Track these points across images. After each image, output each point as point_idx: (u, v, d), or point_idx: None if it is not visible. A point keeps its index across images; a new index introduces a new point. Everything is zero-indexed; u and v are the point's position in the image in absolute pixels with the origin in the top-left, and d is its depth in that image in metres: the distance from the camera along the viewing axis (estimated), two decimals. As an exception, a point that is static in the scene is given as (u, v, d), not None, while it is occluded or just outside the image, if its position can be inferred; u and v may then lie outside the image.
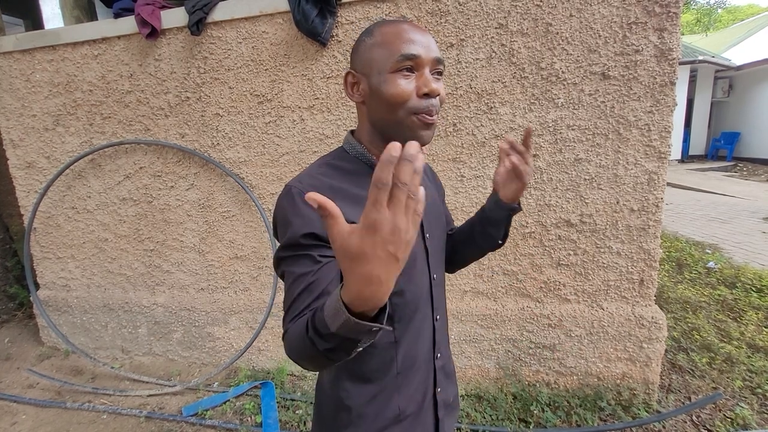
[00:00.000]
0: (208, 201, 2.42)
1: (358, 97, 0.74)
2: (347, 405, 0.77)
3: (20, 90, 2.48)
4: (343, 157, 0.77)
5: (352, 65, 0.74)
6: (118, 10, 2.30)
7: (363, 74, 0.71)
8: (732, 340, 2.50)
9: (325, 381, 0.83)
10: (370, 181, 0.66)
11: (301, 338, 0.56)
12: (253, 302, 2.46)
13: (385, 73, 0.68)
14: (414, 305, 0.77)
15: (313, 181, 0.71)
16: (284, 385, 2.33)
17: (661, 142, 1.88)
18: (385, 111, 0.70)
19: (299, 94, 2.16)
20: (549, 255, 2.08)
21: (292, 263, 0.67)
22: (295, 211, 0.68)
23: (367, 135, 0.77)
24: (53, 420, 2.19)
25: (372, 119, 0.74)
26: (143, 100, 2.36)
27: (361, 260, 0.42)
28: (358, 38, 0.74)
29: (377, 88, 0.69)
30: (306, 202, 0.63)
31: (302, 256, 0.66)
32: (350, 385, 0.78)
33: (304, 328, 0.56)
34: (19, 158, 2.61)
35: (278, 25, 2.11)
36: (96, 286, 2.72)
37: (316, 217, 0.67)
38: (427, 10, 1.95)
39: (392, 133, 0.71)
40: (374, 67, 0.69)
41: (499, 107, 1.98)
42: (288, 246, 0.68)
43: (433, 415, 0.84)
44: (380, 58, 0.68)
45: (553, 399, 2.08)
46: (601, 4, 1.81)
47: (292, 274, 0.66)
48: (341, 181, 0.73)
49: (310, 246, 0.66)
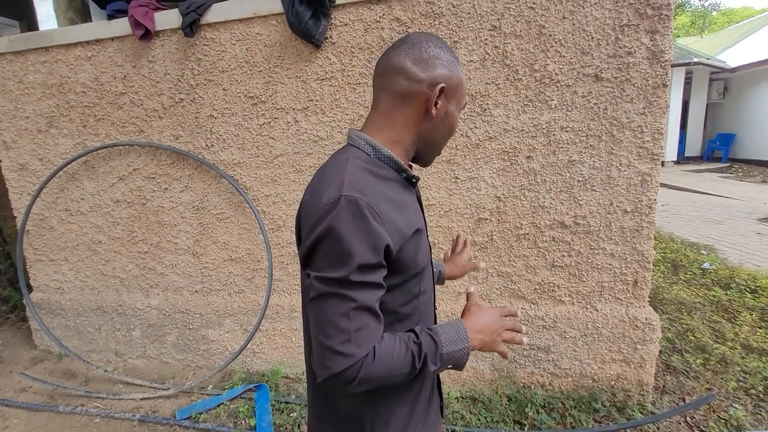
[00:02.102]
0: (203, 203, 2.41)
1: (434, 111, 0.74)
2: (388, 416, 0.76)
3: (13, 91, 2.47)
4: (373, 162, 0.73)
5: (444, 81, 0.73)
6: (111, 12, 2.30)
7: (447, 99, 0.76)
8: (726, 341, 2.51)
9: (344, 408, 0.77)
10: (398, 186, 0.77)
11: (400, 358, 0.65)
12: (247, 305, 2.45)
13: (458, 109, 0.79)
14: (431, 301, 0.84)
15: (374, 192, 0.66)
16: (279, 388, 2.32)
17: (654, 144, 1.88)
18: (443, 137, 0.80)
19: (293, 96, 2.16)
20: (543, 257, 2.08)
21: (357, 288, 0.62)
22: (368, 229, 0.62)
23: (405, 142, 0.77)
24: (45, 424, 2.18)
25: (427, 134, 0.78)
26: (137, 101, 2.35)
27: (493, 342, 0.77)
28: (446, 54, 0.75)
29: (452, 116, 0.78)
30: (376, 218, 0.64)
31: (369, 283, 0.64)
32: (389, 397, 0.76)
33: (409, 348, 0.67)
34: (12, 160, 2.59)
35: (272, 26, 2.11)
36: (89, 288, 2.71)
37: (387, 236, 0.64)
38: (421, 12, 1.95)
39: (429, 153, 0.82)
40: (455, 99, 0.77)
41: (492, 109, 1.99)
42: (362, 269, 0.62)
43: (438, 396, 0.91)
44: (460, 96, 0.78)
45: (548, 400, 2.08)
46: (593, 7, 1.82)
47: (353, 301, 0.62)
48: (384, 188, 0.70)
49: (378, 268, 0.65)
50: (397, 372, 0.65)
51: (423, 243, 0.75)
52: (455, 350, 0.69)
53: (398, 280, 0.71)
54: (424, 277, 0.77)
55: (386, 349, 0.64)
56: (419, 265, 0.73)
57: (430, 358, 0.66)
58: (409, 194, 0.78)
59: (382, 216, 0.64)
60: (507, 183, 2.04)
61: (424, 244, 0.77)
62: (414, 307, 0.76)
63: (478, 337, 0.74)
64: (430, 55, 0.73)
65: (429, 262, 0.81)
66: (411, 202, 0.77)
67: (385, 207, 0.66)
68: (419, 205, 0.83)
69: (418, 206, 0.81)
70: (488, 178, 2.06)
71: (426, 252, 0.78)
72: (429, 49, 0.73)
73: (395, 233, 0.66)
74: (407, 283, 0.73)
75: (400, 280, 0.71)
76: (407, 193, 0.77)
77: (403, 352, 0.65)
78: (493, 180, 2.05)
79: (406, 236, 0.68)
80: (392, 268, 0.68)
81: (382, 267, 0.65)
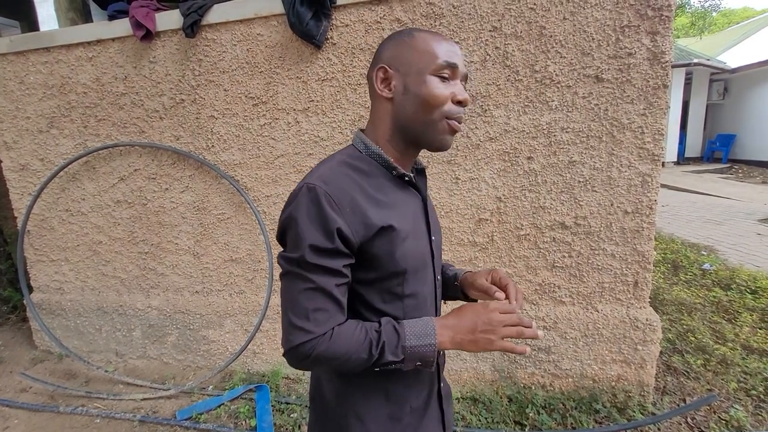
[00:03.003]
0: (203, 203, 2.41)
1: (387, 93, 0.73)
2: (364, 415, 0.76)
3: (14, 92, 2.47)
4: (358, 157, 0.75)
5: (384, 61, 0.73)
6: (112, 13, 2.30)
7: (398, 72, 0.72)
8: (727, 342, 2.51)
9: (333, 395, 0.80)
10: (385, 183, 0.73)
11: (358, 343, 0.67)
12: (248, 305, 2.45)
13: (425, 74, 0.69)
14: (423, 306, 0.79)
15: (339, 182, 0.68)
16: (279, 389, 2.32)
17: (654, 145, 1.88)
18: (420, 111, 0.71)
19: (294, 97, 2.16)
20: (544, 257, 2.08)
21: (313, 270, 0.66)
22: (321, 214, 0.65)
23: (387, 134, 0.75)
24: (46, 424, 2.18)
25: (399, 117, 0.73)
26: (138, 102, 2.35)
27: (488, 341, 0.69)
28: (394, 36, 0.74)
29: (416, 87, 0.70)
30: (332, 205, 0.66)
31: (325, 267, 0.66)
32: (366, 395, 0.77)
33: (368, 335, 0.68)
34: (12, 160, 2.60)
35: (273, 27, 2.11)
36: (90, 288, 2.71)
37: (343, 223, 0.66)
38: (422, 12, 1.95)
39: (420, 133, 0.73)
40: (413, 66, 0.70)
41: (493, 110, 1.99)
42: (313, 250, 0.65)
43: (438, 409, 0.86)
44: (421, 60, 0.70)
45: (549, 401, 2.08)
46: (594, 8, 1.82)
47: (310, 282, 0.66)
48: (362, 181, 0.72)
49: (333, 254, 0.66)
50: (354, 356, 0.66)
51: (408, 244, 0.72)
52: (419, 345, 0.68)
53: (373, 275, 0.72)
54: (410, 280, 0.74)
55: (345, 331, 0.67)
56: (399, 265, 0.71)
57: (388, 347, 0.67)
58: (403, 193, 0.76)
59: (342, 204, 0.66)
60: (508, 184, 2.04)
61: (413, 246, 0.74)
62: (399, 308, 0.74)
63: (458, 337, 0.70)
64: (379, 48, 0.76)
65: (425, 266, 0.78)
66: (403, 201, 0.75)
67: (355, 198, 0.68)
68: (424, 209, 0.80)
69: (416, 208, 0.79)
70: (489, 179, 2.06)
71: (417, 255, 0.75)
72: (381, 43, 0.76)
73: (356, 223, 0.67)
74: (386, 281, 0.72)
75: (376, 276, 0.72)
76: (400, 191, 0.76)
77: (362, 338, 0.67)
78: (493, 180, 2.05)
79: (373, 228, 0.67)
80: (364, 262, 0.70)
81: (339, 254, 0.66)
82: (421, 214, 0.80)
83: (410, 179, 0.77)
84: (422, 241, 0.78)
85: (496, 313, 0.70)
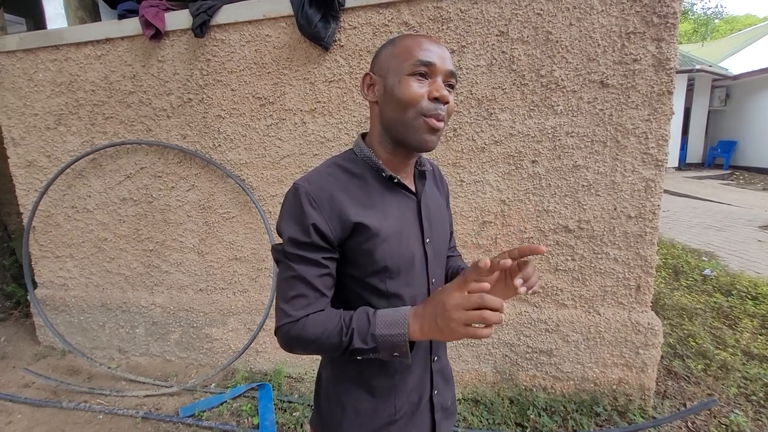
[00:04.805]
0: (209, 202, 2.43)
1: (372, 97, 0.78)
2: (345, 403, 0.81)
3: (22, 89, 2.49)
4: (352, 159, 0.80)
5: (372, 68, 0.79)
6: (122, 12, 2.32)
7: (380, 76, 0.76)
8: (727, 347, 2.52)
9: (325, 378, 0.86)
10: (374, 184, 0.77)
11: (330, 329, 0.70)
12: (251, 304, 2.46)
13: (401, 75, 0.72)
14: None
15: (321, 182, 0.74)
16: (281, 387, 2.33)
17: (658, 150, 1.90)
18: (396, 111, 0.73)
19: (301, 98, 2.18)
20: (547, 260, 2.09)
21: (294, 260, 0.72)
22: (300, 211, 0.71)
23: (377, 136, 0.79)
24: (49, 420, 2.18)
25: (383, 119, 0.77)
26: (145, 101, 2.37)
27: (453, 328, 0.62)
28: (381, 46, 0.79)
29: (392, 88, 0.73)
30: (312, 203, 0.71)
31: (304, 258, 0.72)
32: (351, 385, 0.81)
33: (341, 322, 0.70)
34: (19, 157, 2.61)
35: (281, 29, 2.13)
36: (94, 285, 2.72)
37: (321, 219, 0.71)
38: (429, 16, 1.97)
39: (400, 133, 0.74)
40: (392, 69, 0.74)
41: (499, 113, 2.00)
42: (292, 243, 0.72)
43: (429, 418, 0.86)
44: (398, 63, 0.73)
45: (550, 404, 2.09)
46: (600, 14, 1.84)
47: (293, 270, 0.72)
48: (348, 182, 0.76)
49: (311, 247, 0.71)
50: (327, 341, 0.70)
51: (390, 244, 0.74)
52: (390, 334, 0.67)
53: (355, 272, 0.76)
54: (393, 279, 0.75)
55: (320, 317, 0.72)
56: (378, 263, 0.73)
57: (358, 334, 0.68)
58: (392, 194, 0.78)
59: (321, 202, 0.71)
60: (512, 187, 2.06)
61: (396, 247, 0.75)
62: (385, 306, 0.75)
63: (425, 325, 0.65)
64: (375, 53, 0.81)
65: (411, 268, 0.78)
66: (390, 203, 0.77)
67: (335, 196, 0.72)
68: (418, 211, 0.81)
69: (407, 210, 0.79)
70: (493, 182, 2.07)
71: (401, 256, 0.76)
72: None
73: (334, 219, 0.71)
74: (369, 278, 0.75)
75: (360, 273, 0.75)
76: (389, 192, 0.78)
77: (334, 323, 0.70)
78: (498, 184, 2.07)
79: (349, 224, 0.71)
80: (347, 258, 0.75)
81: (316, 247, 0.71)
82: (413, 216, 0.80)
83: (399, 181, 0.78)
84: (410, 242, 0.78)
85: (454, 295, 0.62)
